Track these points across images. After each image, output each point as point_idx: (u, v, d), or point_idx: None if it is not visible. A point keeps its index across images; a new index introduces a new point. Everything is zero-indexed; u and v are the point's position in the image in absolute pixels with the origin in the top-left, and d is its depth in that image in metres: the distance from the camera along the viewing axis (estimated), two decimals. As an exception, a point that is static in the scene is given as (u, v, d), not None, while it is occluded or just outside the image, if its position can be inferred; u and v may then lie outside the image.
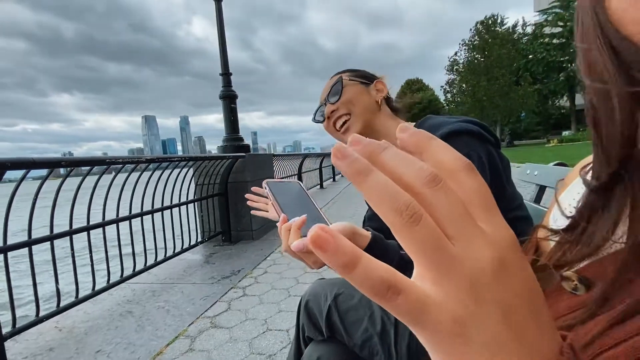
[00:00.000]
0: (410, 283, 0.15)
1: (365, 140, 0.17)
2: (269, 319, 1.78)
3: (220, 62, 3.71)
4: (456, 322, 0.14)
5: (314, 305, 0.69)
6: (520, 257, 0.15)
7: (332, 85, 0.79)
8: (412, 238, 0.14)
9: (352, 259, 0.14)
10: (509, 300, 0.15)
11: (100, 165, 1.85)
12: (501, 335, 0.14)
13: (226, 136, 3.80)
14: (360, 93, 0.78)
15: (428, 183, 0.15)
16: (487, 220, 0.15)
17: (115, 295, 2.22)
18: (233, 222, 3.49)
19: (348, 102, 0.77)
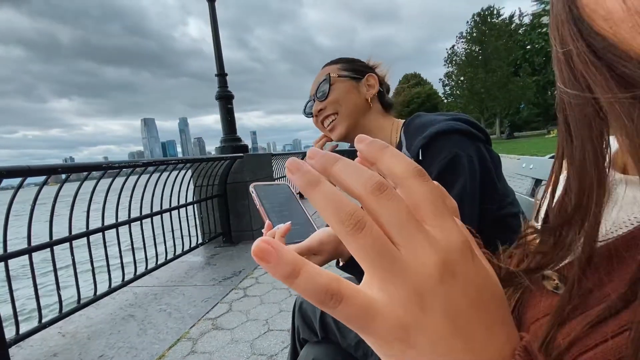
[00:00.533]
0: (355, 290, 0.15)
1: (321, 152, 0.17)
2: (270, 319, 1.79)
3: (216, 63, 3.70)
4: (401, 328, 0.14)
5: (308, 307, 0.69)
6: (472, 261, 0.15)
7: (320, 82, 0.76)
8: (356, 245, 0.14)
9: (294, 269, 0.14)
10: (456, 304, 0.15)
11: (96, 170, 1.85)
12: (447, 339, 0.14)
13: (224, 137, 3.80)
14: (348, 91, 0.75)
15: (373, 191, 0.15)
16: (437, 225, 0.15)
17: (117, 300, 2.23)
18: (233, 222, 3.49)
19: (335, 102, 0.75)
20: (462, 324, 0.15)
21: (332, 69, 0.78)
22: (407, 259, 0.14)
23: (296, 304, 0.73)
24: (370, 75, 0.77)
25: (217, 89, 3.74)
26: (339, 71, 0.76)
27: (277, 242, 0.15)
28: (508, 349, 0.16)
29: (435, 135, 0.60)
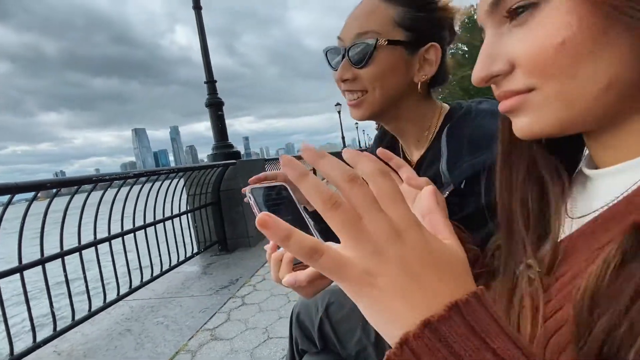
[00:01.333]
0: (332, 248, 0.20)
1: (312, 148, 0.22)
2: (269, 326, 1.77)
3: (204, 70, 3.69)
4: (366, 273, 0.19)
5: (305, 317, 0.68)
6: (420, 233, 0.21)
7: (362, 41, 0.54)
8: (334, 218, 0.20)
9: (287, 234, 0.19)
10: (407, 259, 0.20)
11: (86, 184, 1.82)
12: (402, 283, 0.19)
13: (215, 144, 3.78)
14: (393, 67, 0.54)
15: (348, 180, 0.20)
16: (393, 209, 0.21)
17: (113, 314, 2.19)
18: (228, 230, 3.47)
19: (371, 77, 0.55)
20: (413, 272, 0.20)
21: (386, 18, 0.54)
22: (369, 227, 0.20)
23: (293, 314, 0.72)
24: (432, 45, 0.55)
25: (207, 96, 3.72)
26: (393, 29, 0.54)
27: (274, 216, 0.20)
28: (460, 293, 0.20)
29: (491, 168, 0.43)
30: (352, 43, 0.55)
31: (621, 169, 0.25)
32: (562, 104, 0.25)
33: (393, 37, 0.54)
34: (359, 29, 0.55)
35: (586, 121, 0.25)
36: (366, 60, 0.54)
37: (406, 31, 0.54)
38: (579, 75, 0.23)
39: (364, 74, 0.55)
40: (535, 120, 0.26)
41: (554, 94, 0.25)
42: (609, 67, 0.22)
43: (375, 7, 0.55)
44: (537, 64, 0.24)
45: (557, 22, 0.23)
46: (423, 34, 0.54)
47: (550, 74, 0.24)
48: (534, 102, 0.26)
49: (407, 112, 0.59)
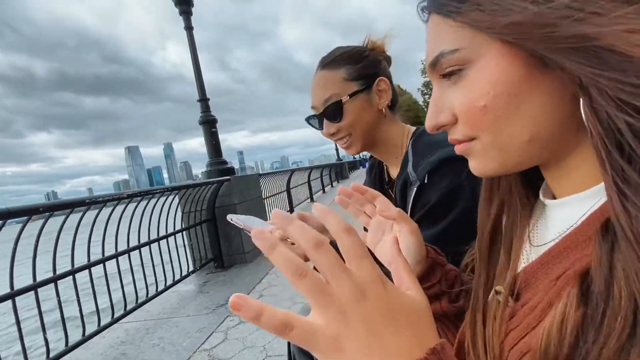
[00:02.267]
0: (301, 319, 0.21)
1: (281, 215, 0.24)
2: (267, 345, 1.75)
3: (197, 89, 3.73)
4: (334, 339, 0.21)
5: None
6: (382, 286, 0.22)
7: (327, 98, 0.68)
8: (302, 287, 0.21)
9: (257, 313, 0.20)
10: (369, 316, 0.21)
11: (79, 207, 1.82)
12: (365, 342, 0.21)
13: (210, 161, 3.79)
14: (361, 110, 0.69)
15: (313, 246, 0.22)
16: (356, 265, 0.22)
17: (107, 338, 2.15)
18: (224, 247, 3.45)
19: (349, 126, 0.69)
20: (376, 330, 0.21)
21: (338, 81, 0.69)
22: (334, 290, 0.21)
23: None
24: (381, 79, 0.69)
25: (200, 114, 3.75)
26: (347, 85, 0.68)
27: (244, 295, 0.21)
28: (418, 349, 0.21)
29: (444, 161, 0.59)
30: (323, 107, 0.70)
31: (570, 201, 0.27)
32: (499, 152, 0.28)
33: (350, 90, 0.69)
34: (323, 97, 0.69)
35: (526, 163, 0.28)
36: (340, 116, 0.69)
37: (356, 81, 0.69)
38: (504, 130, 0.26)
39: (343, 125, 0.70)
40: (481, 164, 0.30)
41: (490, 143, 0.28)
42: (527, 124, 0.25)
43: (326, 76, 0.71)
44: (470, 121, 0.28)
45: (478, 88, 0.26)
46: (369, 76, 0.70)
47: (482, 129, 0.27)
48: (475, 149, 0.29)
49: (382, 136, 0.73)
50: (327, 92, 0.69)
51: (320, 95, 0.70)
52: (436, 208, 0.58)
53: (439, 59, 0.28)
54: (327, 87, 0.69)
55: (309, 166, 9.20)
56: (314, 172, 9.31)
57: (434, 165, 0.59)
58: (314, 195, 8.76)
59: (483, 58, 0.25)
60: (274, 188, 5.92)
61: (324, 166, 11.84)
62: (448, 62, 0.27)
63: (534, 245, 0.31)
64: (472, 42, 0.26)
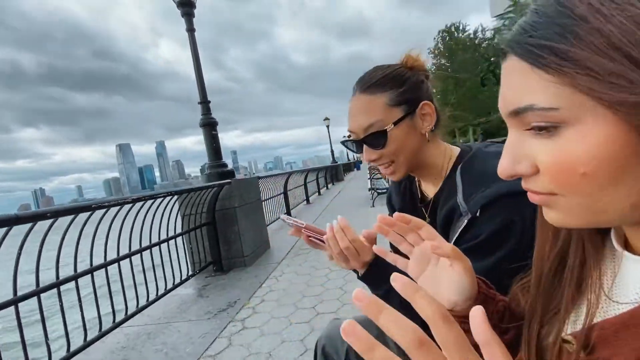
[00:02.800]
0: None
1: (366, 298, 0.22)
2: (273, 351, 1.76)
3: (198, 91, 3.72)
4: None
5: (330, 349, 0.70)
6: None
7: (369, 125, 0.65)
8: None
9: (370, 346, 0.21)
10: None
11: (85, 211, 1.80)
12: None
13: (210, 163, 3.78)
14: (406, 136, 0.65)
15: (418, 346, 0.20)
16: (459, 358, 0.21)
17: (107, 343, 2.13)
18: (223, 250, 3.44)
19: (392, 153, 0.66)
20: None
21: (380, 107, 0.65)
22: None
23: (318, 346, 0.74)
24: (425, 104, 0.66)
25: (201, 116, 3.74)
26: (390, 111, 0.65)
27: (359, 327, 0.21)
28: None
29: (499, 197, 0.56)
30: (365, 134, 0.66)
31: None
32: (588, 212, 0.25)
33: (395, 117, 0.65)
34: (365, 123, 0.66)
35: (618, 222, 0.26)
36: (384, 143, 0.66)
37: (399, 106, 0.66)
38: (602, 198, 0.24)
39: (386, 152, 0.67)
40: (562, 217, 0.27)
41: (579, 204, 0.25)
42: (631, 193, 0.23)
43: (368, 102, 0.66)
44: (561, 181, 0.25)
45: (578, 152, 0.23)
46: (412, 100, 0.66)
47: (574, 192, 0.25)
48: (559, 204, 0.27)
49: (425, 160, 0.70)
50: (369, 119, 0.65)
51: (361, 121, 0.66)
52: (486, 243, 0.56)
53: (527, 111, 0.25)
54: (368, 114, 0.65)
55: (305, 168, 9.21)
56: (310, 174, 9.33)
57: (488, 200, 0.57)
58: (310, 198, 8.78)
59: (586, 123, 0.23)
60: (271, 190, 5.92)
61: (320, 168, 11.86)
62: (540, 117, 0.25)
63: (612, 299, 0.29)
64: (573, 102, 0.23)
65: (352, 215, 5.43)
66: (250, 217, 3.72)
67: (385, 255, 0.47)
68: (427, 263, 0.45)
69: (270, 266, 3.35)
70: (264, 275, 3.09)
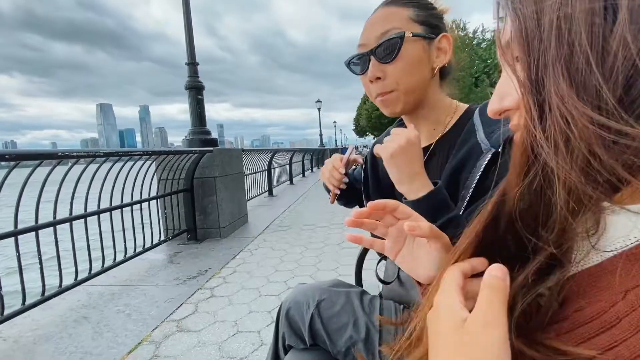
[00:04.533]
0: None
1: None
2: (239, 320, 1.74)
3: (187, 51, 3.53)
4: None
5: (295, 313, 0.68)
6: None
7: (385, 32, 0.59)
8: None
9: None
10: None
11: (50, 159, 1.68)
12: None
13: (192, 129, 3.64)
14: (419, 59, 0.60)
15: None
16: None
17: (67, 300, 2.05)
18: (199, 219, 3.36)
19: (398, 74, 0.60)
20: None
21: (402, 18, 0.59)
22: None
23: (282, 310, 0.71)
24: (444, 36, 0.61)
25: (187, 78, 3.57)
26: (411, 24, 0.59)
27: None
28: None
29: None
30: (377, 43, 0.59)
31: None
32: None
33: (414, 30, 0.59)
34: (381, 30, 0.59)
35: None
36: (395, 55, 0.59)
37: (422, 25, 0.60)
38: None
39: (393, 69, 0.60)
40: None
41: None
42: None
43: (390, 11, 0.61)
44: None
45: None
46: (434, 27, 0.61)
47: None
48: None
49: (427, 100, 0.65)
50: (387, 25, 0.59)
51: (377, 29, 0.60)
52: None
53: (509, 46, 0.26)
54: (387, 22, 0.59)
55: (292, 148, 9.11)
56: (296, 154, 9.23)
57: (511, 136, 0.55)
58: (293, 179, 8.72)
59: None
60: (255, 166, 5.82)
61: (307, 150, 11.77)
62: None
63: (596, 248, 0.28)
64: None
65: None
66: (231, 189, 3.64)
67: (361, 241, 0.44)
68: (403, 241, 0.44)
69: (246, 239, 3.31)
70: (238, 247, 3.05)
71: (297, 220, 4.08)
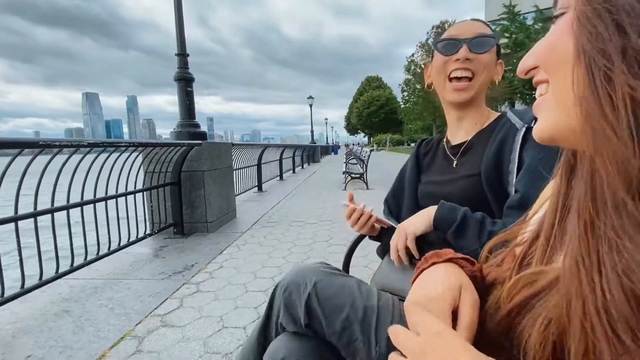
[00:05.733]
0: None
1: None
2: (224, 316, 1.73)
3: (177, 41, 3.46)
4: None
5: (292, 291, 0.68)
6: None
7: (484, 34, 0.76)
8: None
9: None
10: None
11: (31, 148, 1.63)
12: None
13: (181, 121, 3.57)
14: (493, 64, 0.78)
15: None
16: None
17: (48, 293, 2.00)
18: (186, 213, 3.32)
19: (485, 64, 0.77)
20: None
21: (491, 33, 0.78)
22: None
23: (278, 289, 0.71)
24: (501, 63, 0.81)
25: (177, 69, 3.50)
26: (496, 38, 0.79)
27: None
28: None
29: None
30: (473, 37, 0.76)
31: None
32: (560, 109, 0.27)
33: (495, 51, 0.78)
34: (481, 31, 0.77)
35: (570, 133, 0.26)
36: (486, 50, 0.76)
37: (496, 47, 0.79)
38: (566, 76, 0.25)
39: (481, 58, 0.76)
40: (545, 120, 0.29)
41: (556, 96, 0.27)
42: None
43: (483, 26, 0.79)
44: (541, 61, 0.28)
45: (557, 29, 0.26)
46: (499, 53, 0.81)
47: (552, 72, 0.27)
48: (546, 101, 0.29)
49: (481, 99, 0.82)
50: (482, 30, 0.77)
51: (474, 29, 0.77)
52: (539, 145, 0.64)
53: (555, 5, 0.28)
54: (482, 28, 0.77)
55: (282, 144, 9.05)
56: (286, 150, 9.18)
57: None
58: (284, 175, 8.68)
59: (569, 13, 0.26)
60: (244, 160, 5.76)
61: (297, 146, 11.72)
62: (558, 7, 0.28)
63: None
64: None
65: (323, 196, 5.44)
66: (219, 183, 3.60)
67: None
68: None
69: (234, 235, 3.29)
70: (225, 242, 3.02)
71: (286, 217, 4.07)
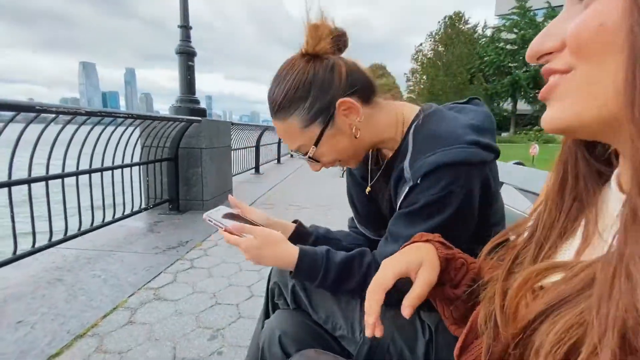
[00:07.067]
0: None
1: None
2: (218, 292, 1.74)
3: (180, 12, 3.35)
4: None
5: (285, 274, 0.69)
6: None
7: (302, 153, 0.65)
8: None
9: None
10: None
11: (27, 112, 1.58)
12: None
13: (180, 96, 3.50)
14: (336, 142, 0.63)
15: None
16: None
17: (41, 261, 2.00)
18: (182, 190, 3.29)
19: (333, 159, 0.66)
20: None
21: (296, 133, 0.62)
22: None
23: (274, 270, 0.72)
24: (341, 103, 0.60)
25: (179, 42, 3.40)
26: (307, 133, 0.62)
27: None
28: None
29: (442, 166, 0.54)
30: (299, 155, 0.67)
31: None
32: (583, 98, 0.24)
33: (314, 136, 0.62)
34: (293, 147, 0.65)
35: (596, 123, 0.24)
36: (318, 158, 0.65)
37: (314, 122, 0.61)
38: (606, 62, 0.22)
39: (325, 161, 0.66)
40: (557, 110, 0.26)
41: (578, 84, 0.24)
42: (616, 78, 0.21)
43: (284, 129, 0.64)
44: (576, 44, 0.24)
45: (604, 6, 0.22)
46: (325, 107, 0.60)
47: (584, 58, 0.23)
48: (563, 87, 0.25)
49: (372, 138, 0.66)
50: (293, 144, 0.64)
51: (290, 144, 0.66)
52: (420, 211, 0.56)
53: None
54: (291, 139, 0.64)
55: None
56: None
57: (429, 169, 0.54)
58: (281, 158, 8.64)
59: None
60: (243, 141, 5.71)
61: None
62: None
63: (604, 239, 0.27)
64: None
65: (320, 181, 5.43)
66: (217, 162, 3.56)
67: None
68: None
69: (230, 214, 3.28)
70: (221, 221, 3.02)
71: (282, 199, 4.07)
